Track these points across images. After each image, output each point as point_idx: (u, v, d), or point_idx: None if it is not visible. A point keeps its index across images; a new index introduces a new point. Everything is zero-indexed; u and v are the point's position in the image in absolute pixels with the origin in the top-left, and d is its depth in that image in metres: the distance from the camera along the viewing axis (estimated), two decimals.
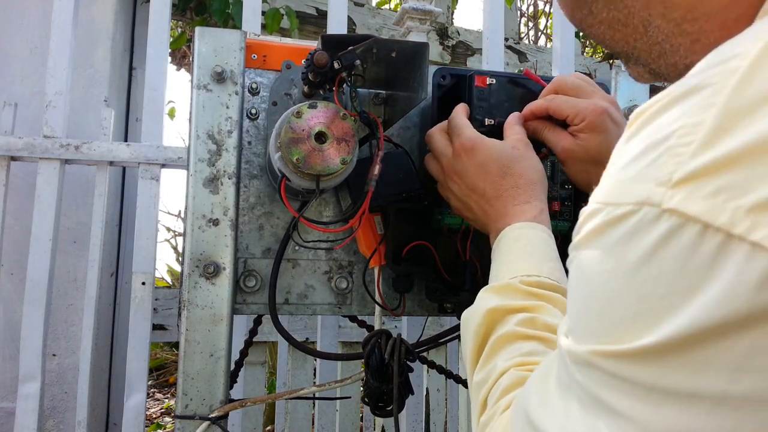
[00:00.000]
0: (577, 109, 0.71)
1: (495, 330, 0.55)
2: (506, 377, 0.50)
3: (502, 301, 0.57)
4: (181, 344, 0.74)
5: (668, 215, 0.24)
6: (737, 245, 0.22)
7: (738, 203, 0.22)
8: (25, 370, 1.25)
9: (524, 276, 0.59)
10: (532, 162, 0.70)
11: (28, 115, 1.48)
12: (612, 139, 0.71)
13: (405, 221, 0.82)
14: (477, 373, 0.54)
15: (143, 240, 1.28)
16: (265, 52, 0.82)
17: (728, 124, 0.23)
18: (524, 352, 0.51)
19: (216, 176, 0.76)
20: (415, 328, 1.35)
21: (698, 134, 0.24)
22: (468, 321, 0.58)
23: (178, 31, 2.24)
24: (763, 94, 0.23)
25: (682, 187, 0.24)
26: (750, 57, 0.24)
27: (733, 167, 0.22)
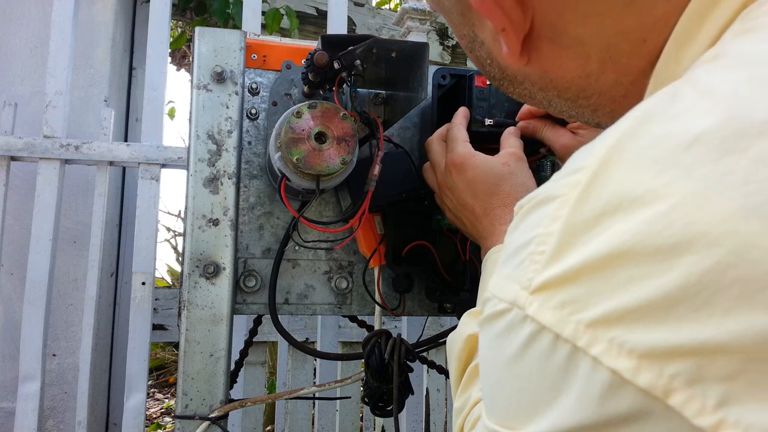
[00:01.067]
0: None
1: (474, 357, 0.55)
2: (477, 408, 0.49)
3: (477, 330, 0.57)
4: (181, 344, 0.74)
5: (530, 320, 0.25)
6: (582, 357, 0.23)
7: (579, 317, 0.23)
8: (25, 370, 1.25)
9: None
10: (521, 179, 0.69)
11: (28, 115, 1.48)
12: None
13: (405, 221, 0.82)
14: (457, 399, 0.54)
15: (143, 240, 1.28)
16: (265, 52, 0.82)
17: (570, 239, 0.25)
18: None
19: (216, 176, 0.76)
20: (415, 328, 1.35)
21: (548, 245, 0.26)
22: (451, 346, 0.58)
23: (178, 31, 2.24)
24: (597, 212, 0.24)
25: (538, 295, 0.25)
26: (589, 172, 0.25)
27: (575, 282, 0.24)
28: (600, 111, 0.40)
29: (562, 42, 0.36)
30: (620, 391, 0.22)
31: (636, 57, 0.34)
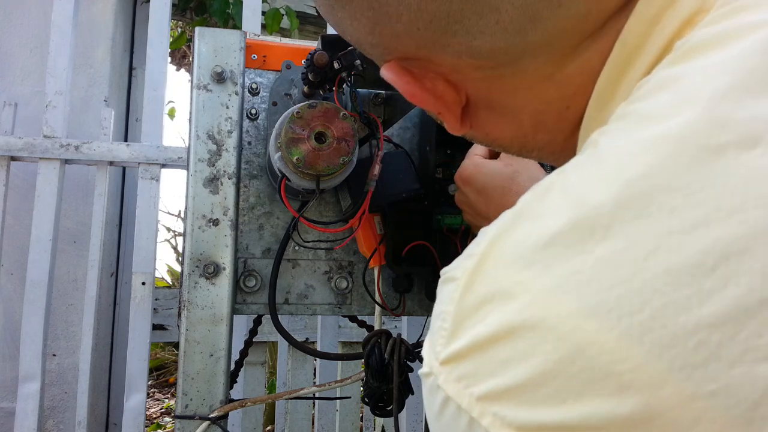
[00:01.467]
0: None
1: None
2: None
3: None
4: (181, 344, 0.74)
5: (440, 389, 0.28)
6: (477, 427, 0.26)
7: (471, 391, 0.26)
8: (25, 370, 1.25)
9: None
10: (528, 173, 0.70)
11: (28, 115, 1.48)
12: None
13: (405, 221, 0.82)
14: None
15: (143, 240, 1.28)
16: (265, 53, 0.82)
17: (461, 321, 0.28)
18: None
19: (216, 176, 0.76)
20: (415, 328, 1.35)
21: (448, 322, 0.29)
22: None
23: (178, 31, 2.24)
24: (479, 299, 0.27)
25: (444, 367, 0.28)
26: (474, 260, 0.28)
27: (466, 359, 0.27)
28: (546, 158, 0.44)
29: (496, 110, 0.40)
30: None
31: (563, 121, 0.38)
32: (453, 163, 0.86)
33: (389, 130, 0.85)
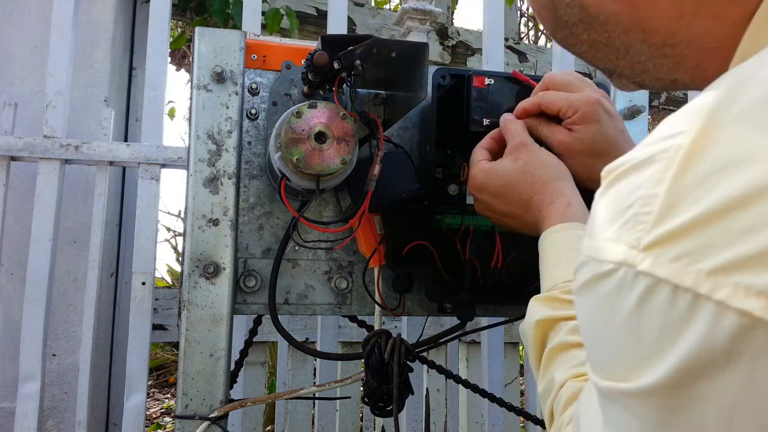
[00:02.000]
0: (569, 102, 0.71)
1: (548, 340, 0.57)
2: (566, 389, 0.51)
3: (547, 312, 0.58)
4: (181, 344, 0.74)
5: (643, 276, 0.27)
6: (705, 303, 0.25)
7: (698, 267, 0.25)
8: (25, 370, 1.25)
9: (563, 283, 0.60)
10: (538, 161, 0.70)
11: (28, 115, 1.48)
12: (607, 129, 0.72)
13: (405, 221, 0.82)
14: (539, 383, 0.57)
15: (143, 240, 1.28)
16: (265, 53, 0.82)
17: (679, 198, 0.27)
18: (579, 362, 0.53)
19: (216, 176, 0.76)
20: (415, 328, 1.35)
21: (655, 206, 0.27)
22: (524, 333, 0.61)
23: (178, 31, 2.24)
24: (706, 171, 0.26)
25: (650, 252, 0.27)
26: (690, 135, 0.27)
27: (689, 235, 0.26)
28: (682, 66, 0.39)
29: None
30: (751, 328, 0.24)
31: (734, 5, 0.34)
32: (453, 163, 0.86)
33: (389, 130, 0.85)
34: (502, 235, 0.84)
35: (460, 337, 0.94)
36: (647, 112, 0.92)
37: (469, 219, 0.81)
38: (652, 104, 2.80)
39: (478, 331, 1.11)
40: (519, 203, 0.69)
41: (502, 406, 1.04)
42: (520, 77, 0.79)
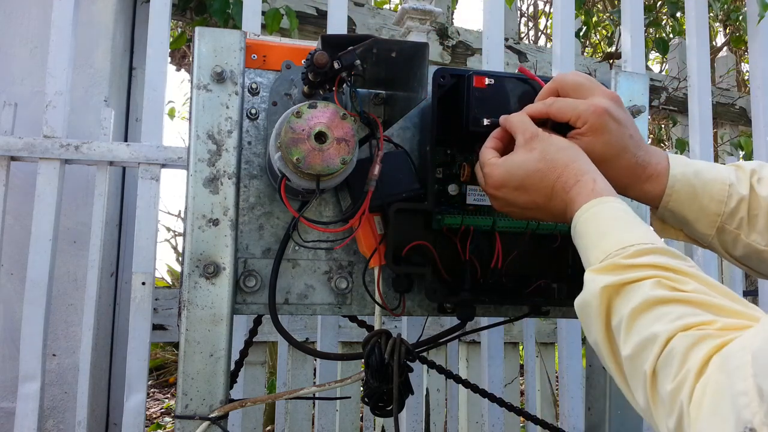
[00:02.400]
0: (578, 112, 0.71)
1: (617, 304, 0.56)
2: (680, 340, 0.50)
3: (612, 278, 0.57)
4: (181, 344, 0.74)
5: None
6: None
7: None
8: (25, 370, 1.25)
9: (619, 250, 0.59)
10: (554, 147, 0.70)
11: (28, 115, 1.47)
12: (615, 138, 0.72)
13: (405, 221, 0.82)
14: (624, 347, 0.54)
15: (143, 240, 1.28)
16: (265, 52, 0.82)
17: None
18: (679, 315, 0.52)
19: (216, 176, 0.76)
20: (415, 328, 1.35)
21: None
22: (586, 306, 0.59)
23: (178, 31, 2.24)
24: None
25: None
26: None
27: None
28: None
29: None
30: None
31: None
32: (453, 163, 0.86)
33: (389, 130, 0.85)
34: (502, 235, 0.84)
35: (460, 337, 0.94)
36: (647, 112, 0.92)
37: (469, 219, 0.81)
38: (652, 104, 2.80)
39: (478, 331, 1.11)
40: (542, 192, 0.69)
41: (502, 406, 1.04)
42: (527, 73, 0.79)
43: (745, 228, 0.75)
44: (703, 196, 0.75)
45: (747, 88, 3.25)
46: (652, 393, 0.51)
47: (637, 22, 1.60)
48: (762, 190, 0.76)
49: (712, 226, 0.76)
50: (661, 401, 0.50)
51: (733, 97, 2.94)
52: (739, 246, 0.76)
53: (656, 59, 4.06)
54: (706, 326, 0.50)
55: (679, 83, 2.75)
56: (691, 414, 0.46)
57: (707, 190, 0.75)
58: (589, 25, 3.14)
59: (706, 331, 0.49)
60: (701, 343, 0.48)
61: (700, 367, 0.47)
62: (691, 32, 1.68)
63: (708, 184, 0.76)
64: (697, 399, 0.46)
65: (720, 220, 0.76)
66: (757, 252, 0.76)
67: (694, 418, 0.46)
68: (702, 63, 1.66)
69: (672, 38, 2.99)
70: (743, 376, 0.42)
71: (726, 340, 0.48)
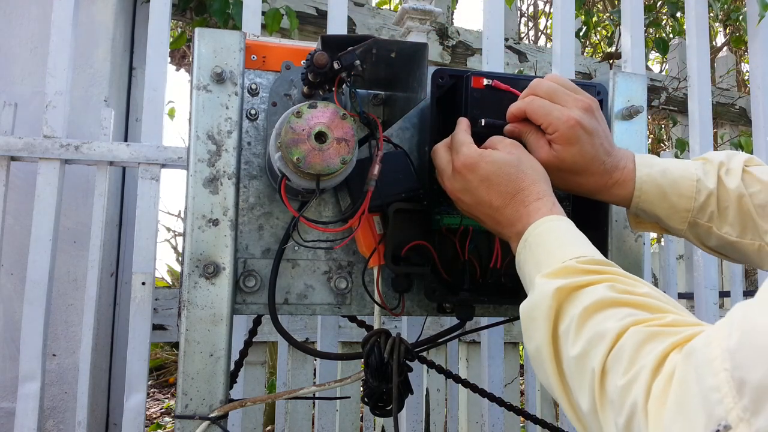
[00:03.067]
0: (549, 120, 0.73)
1: (569, 306, 0.55)
2: (630, 337, 0.49)
3: (566, 281, 0.57)
4: (181, 344, 0.74)
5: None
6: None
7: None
8: (25, 370, 1.25)
9: (575, 258, 0.59)
10: (529, 162, 0.72)
11: (28, 115, 1.47)
12: (585, 149, 0.73)
13: (404, 221, 0.82)
14: (572, 347, 0.53)
15: (143, 240, 1.28)
16: (265, 53, 0.82)
17: None
18: (629, 313, 0.51)
19: (216, 176, 0.76)
20: (414, 328, 1.35)
21: None
22: (533, 308, 0.59)
23: (178, 31, 2.24)
24: None
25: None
26: None
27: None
28: None
29: None
30: None
31: None
32: None
33: (389, 130, 0.85)
34: None
35: (460, 336, 0.94)
36: (646, 113, 0.92)
37: (468, 219, 0.81)
38: (652, 104, 2.80)
39: (478, 331, 1.11)
40: (504, 194, 0.70)
41: (502, 405, 1.04)
42: (500, 87, 0.79)
43: (716, 221, 0.76)
44: (672, 195, 0.76)
45: (747, 88, 3.25)
46: (600, 392, 0.49)
47: (637, 22, 1.60)
48: (730, 182, 0.76)
49: (684, 222, 0.77)
50: (610, 399, 0.48)
51: (733, 97, 2.94)
52: (713, 238, 0.78)
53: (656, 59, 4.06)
54: (656, 321, 0.50)
55: (679, 83, 2.75)
56: (650, 412, 0.44)
57: (675, 188, 0.76)
58: (589, 25, 3.14)
59: (657, 328, 0.48)
60: (655, 340, 0.47)
61: (657, 363, 0.46)
62: (691, 32, 1.68)
63: (676, 182, 0.76)
64: (656, 395, 0.44)
65: (690, 216, 0.77)
66: (730, 243, 0.77)
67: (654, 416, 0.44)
68: (702, 63, 1.66)
69: (672, 38, 2.99)
70: (713, 371, 0.40)
71: (684, 337, 0.46)
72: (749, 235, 0.76)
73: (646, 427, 0.44)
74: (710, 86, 1.68)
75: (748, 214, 0.75)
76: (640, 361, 0.47)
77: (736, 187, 0.75)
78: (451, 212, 0.82)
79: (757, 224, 0.75)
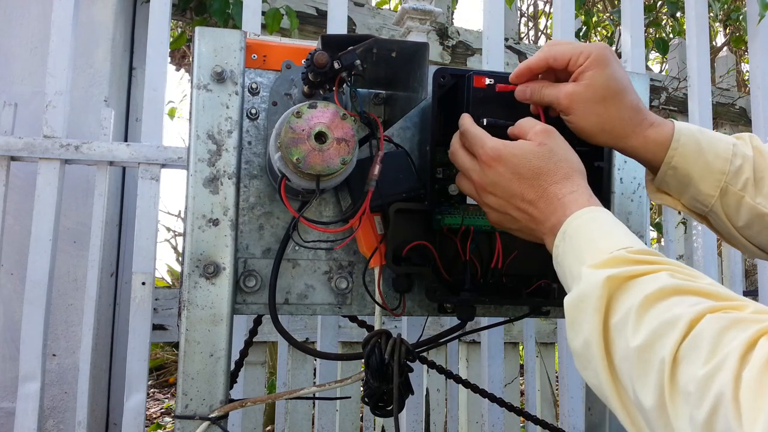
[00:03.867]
0: (579, 49, 0.71)
1: (621, 297, 0.52)
2: (708, 323, 0.45)
3: (617, 270, 0.53)
4: (181, 344, 0.74)
5: None
6: None
7: None
8: (25, 370, 1.25)
9: (623, 249, 0.56)
10: (563, 153, 0.68)
11: (28, 115, 1.47)
12: (618, 73, 0.71)
13: (405, 221, 0.82)
14: (632, 337, 0.48)
15: (143, 240, 1.28)
16: (265, 52, 0.82)
17: None
18: (696, 302, 0.47)
19: (216, 176, 0.76)
20: (415, 328, 1.35)
21: None
22: (581, 299, 0.54)
23: (178, 31, 2.24)
24: None
25: None
26: None
27: None
28: None
29: None
30: None
31: None
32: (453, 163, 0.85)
33: (389, 130, 0.85)
34: (502, 235, 0.84)
35: (460, 337, 0.94)
36: None
37: (469, 219, 0.81)
38: (652, 104, 2.80)
39: (478, 331, 1.11)
40: (536, 188, 0.66)
41: (502, 406, 1.04)
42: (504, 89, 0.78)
43: (750, 189, 0.72)
44: (708, 152, 0.72)
45: (747, 88, 3.25)
46: (671, 384, 0.44)
47: (637, 22, 1.60)
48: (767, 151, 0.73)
49: (717, 186, 0.73)
50: (685, 391, 0.43)
51: (733, 97, 2.94)
52: (743, 210, 0.73)
53: (656, 59, 4.06)
54: (733, 308, 0.46)
55: (679, 83, 2.75)
56: (743, 401, 0.40)
57: (712, 147, 0.72)
58: (589, 25, 3.14)
59: (738, 314, 0.45)
60: (737, 326, 0.43)
61: (745, 350, 0.41)
62: (691, 32, 1.68)
63: (713, 141, 0.73)
64: (748, 385, 0.40)
65: (725, 180, 0.72)
66: (761, 216, 0.72)
67: (750, 406, 0.39)
68: (702, 63, 1.66)
69: (672, 38, 2.99)
70: None
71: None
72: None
73: (738, 418, 0.39)
74: (710, 86, 1.68)
75: None
76: (724, 348, 0.42)
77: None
78: (452, 212, 0.82)
79: None
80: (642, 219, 0.92)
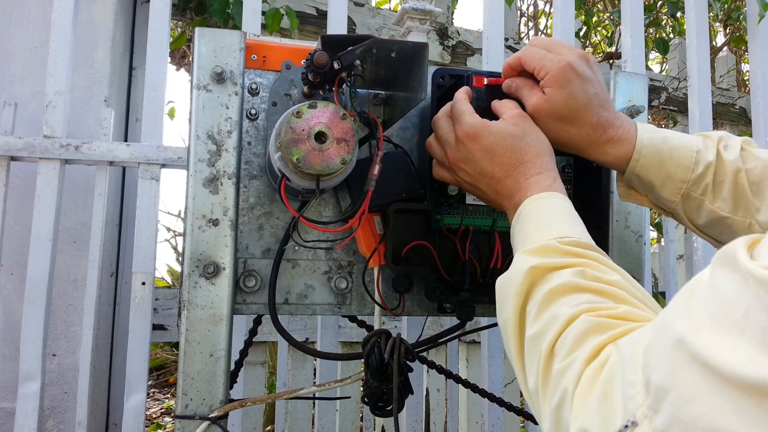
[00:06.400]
0: (542, 63, 0.72)
1: (539, 286, 0.56)
2: (577, 324, 0.50)
3: (542, 260, 0.58)
4: (181, 344, 0.74)
5: None
6: None
7: None
8: (25, 370, 1.25)
9: (558, 238, 0.60)
10: (535, 135, 0.71)
11: (28, 115, 1.47)
12: (577, 92, 0.72)
13: (405, 221, 0.82)
14: (531, 327, 0.55)
15: (143, 240, 1.28)
16: (265, 53, 0.82)
17: None
18: (587, 300, 0.52)
19: (216, 176, 0.76)
20: (414, 328, 1.35)
21: None
22: (507, 283, 0.60)
23: (178, 31, 2.24)
24: None
25: None
26: None
27: None
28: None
29: None
30: None
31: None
32: None
33: (389, 130, 0.85)
34: (501, 235, 0.84)
35: (460, 337, 0.94)
36: (647, 112, 0.92)
37: (468, 219, 0.81)
38: (652, 104, 2.80)
39: (478, 331, 1.11)
40: (505, 166, 0.69)
41: (502, 406, 1.04)
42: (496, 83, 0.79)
43: (709, 194, 0.75)
44: (670, 162, 0.75)
45: (747, 88, 3.25)
46: (544, 373, 0.51)
47: (637, 22, 1.60)
48: (728, 155, 0.75)
49: (678, 193, 0.76)
50: (550, 380, 0.50)
51: (733, 97, 2.94)
52: (703, 213, 0.76)
53: (656, 59, 4.06)
54: (608, 311, 0.50)
55: (679, 83, 2.75)
56: (576, 400, 0.45)
57: (674, 157, 0.75)
58: (589, 25, 3.14)
59: (605, 318, 0.49)
60: (599, 330, 0.49)
61: (592, 353, 0.47)
62: (691, 32, 1.68)
63: (675, 151, 0.75)
64: (584, 385, 0.46)
65: (686, 187, 0.75)
66: (720, 219, 0.75)
67: (579, 405, 0.45)
68: (702, 63, 1.66)
69: (672, 38, 2.99)
70: (634, 368, 0.41)
71: (624, 330, 0.47)
72: (741, 212, 0.74)
73: (570, 413, 0.45)
74: (710, 86, 1.68)
75: (742, 190, 0.74)
76: (579, 348, 0.48)
77: (734, 160, 0.74)
78: (452, 212, 0.82)
79: (750, 201, 0.74)
80: (641, 218, 0.92)
